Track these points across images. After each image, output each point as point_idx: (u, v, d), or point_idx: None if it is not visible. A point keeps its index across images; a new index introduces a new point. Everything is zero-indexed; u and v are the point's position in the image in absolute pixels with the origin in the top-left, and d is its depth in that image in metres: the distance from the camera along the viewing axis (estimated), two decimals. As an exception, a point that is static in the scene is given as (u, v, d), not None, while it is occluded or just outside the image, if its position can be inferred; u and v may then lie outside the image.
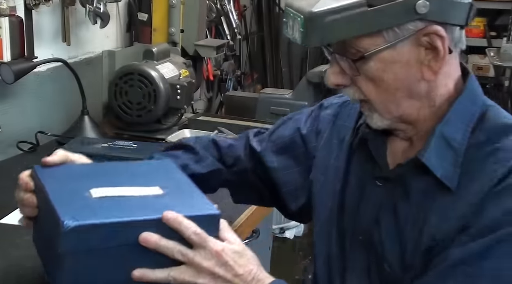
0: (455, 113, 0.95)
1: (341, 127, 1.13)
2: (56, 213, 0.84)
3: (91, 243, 0.85)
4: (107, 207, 0.88)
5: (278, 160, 1.18)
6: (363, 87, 0.94)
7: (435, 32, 0.90)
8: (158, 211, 0.88)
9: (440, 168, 0.93)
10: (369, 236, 1.00)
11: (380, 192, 1.00)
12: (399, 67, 0.92)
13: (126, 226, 0.87)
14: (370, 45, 0.90)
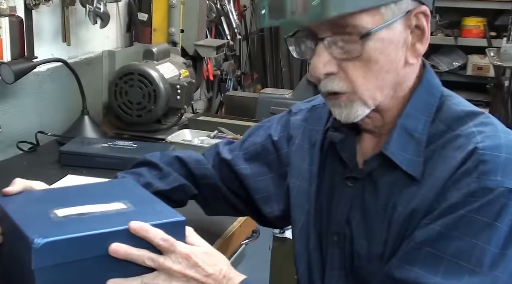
0: (414, 105, 0.97)
1: (312, 131, 1.13)
2: (24, 233, 0.86)
3: (62, 258, 0.87)
4: (74, 223, 0.91)
5: (250, 167, 1.18)
6: (352, 72, 0.92)
7: (424, 11, 0.93)
8: (126, 222, 0.91)
9: (404, 159, 0.95)
10: (343, 236, 1.01)
11: (351, 192, 1.01)
12: (391, 48, 0.93)
13: (95, 239, 0.89)
14: (368, 22, 0.90)
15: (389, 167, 0.96)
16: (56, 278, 0.88)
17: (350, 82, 0.93)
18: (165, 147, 1.72)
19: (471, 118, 0.95)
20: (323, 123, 1.11)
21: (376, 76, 0.93)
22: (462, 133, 0.93)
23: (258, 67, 4.06)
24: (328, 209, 1.05)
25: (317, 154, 1.10)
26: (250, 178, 1.18)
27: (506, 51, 3.35)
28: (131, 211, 0.96)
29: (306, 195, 1.09)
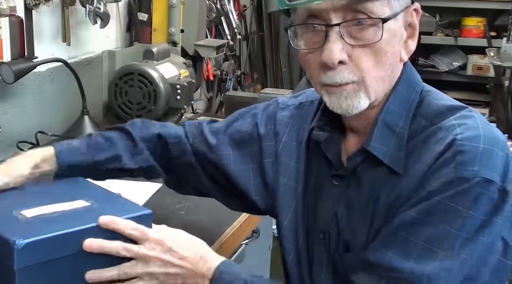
0: (394, 101, 0.98)
1: (299, 129, 1.14)
2: (2, 236, 0.88)
3: (42, 257, 0.89)
4: (47, 223, 0.93)
5: (234, 155, 1.18)
6: (363, 62, 0.92)
7: (417, 8, 0.96)
8: (98, 218, 0.95)
9: (386, 154, 0.96)
10: (328, 233, 1.02)
11: (336, 190, 1.02)
12: (396, 42, 0.95)
13: (73, 236, 0.92)
14: (378, 11, 0.90)
15: (373, 163, 0.97)
16: (37, 277, 0.90)
17: (360, 71, 0.93)
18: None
19: (452, 112, 0.96)
20: (309, 121, 1.11)
21: (382, 67, 0.93)
22: (443, 126, 0.94)
23: (258, 67, 4.06)
24: (315, 207, 1.06)
25: (304, 152, 1.10)
26: (232, 165, 1.17)
27: (506, 51, 3.35)
28: (98, 207, 1.00)
29: (293, 193, 1.10)
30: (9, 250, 0.87)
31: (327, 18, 0.91)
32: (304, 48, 0.96)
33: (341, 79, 0.93)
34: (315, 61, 0.95)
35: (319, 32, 0.93)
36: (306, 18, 0.94)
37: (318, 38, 0.93)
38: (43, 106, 1.87)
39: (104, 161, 1.15)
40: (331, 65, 0.92)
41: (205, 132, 1.21)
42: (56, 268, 0.91)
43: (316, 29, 0.94)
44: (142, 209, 1.02)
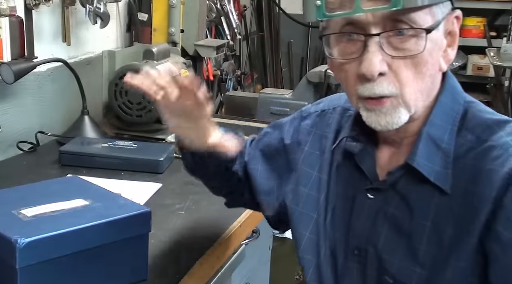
0: (438, 113, 0.94)
1: (321, 138, 1.11)
2: (4, 235, 0.89)
3: (44, 256, 0.90)
4: (48, 222, 0.94)
5: (262, 169, 1.16)
6: (403, 73, 0.87)
7: (458, 16, 0.91)
8: (98, 217, 0.97)
9: (432, 171, 0.91)
10: (365, 250, 0.97)
11: (373, 204, 0.97)
12: (436, 51, 0.90)
13: (74, 235, 0.93)
14: (422, 21, 0.86)
15: (416, 179, 0.93)
16: (38, 276, 0.90)
17: (400, 83, 0.88)
18: (165, 147, 1.72)
19: (500, 126, 0.92)
20: (333, 129, 1.09)
21: (423, 79, 0.89)
22: (496, 144, 0.89)
23: (258, 67, 4.06)
24: (346, 222, 1.01)
25: (327, 162, 1.07)
26: (258, 179, 1.16)
27: (506, 51, 3.35)
28: (97, 206, 1.01)
29: (315, 203, 1.07)
30: (11, 249, 0.87)
31: (366, 27, 0.86)
32: (339, 58, 0.91)
33: (379, 91, 0.88)
34: (352, 72, 0.90)
35: (355, 41, 0.88)
36: (342, 26, 0.89)
37: (355, 47, 0.89)
38: (43, 106, 1.87)
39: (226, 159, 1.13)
40: (371, 78, 0.87)
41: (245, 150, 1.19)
42: (57, 267, 0.92)
43: (352, 37, 0.89)
44: (140, 207, 1.03)
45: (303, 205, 1.09)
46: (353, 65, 0.89)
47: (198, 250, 1.21)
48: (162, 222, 1.20)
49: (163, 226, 1.22)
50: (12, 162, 1.69)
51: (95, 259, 0.96)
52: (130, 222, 1.00)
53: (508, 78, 3.69)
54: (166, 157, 1.66)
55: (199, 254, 1.20)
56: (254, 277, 1.63)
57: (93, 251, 0.96)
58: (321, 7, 0.88)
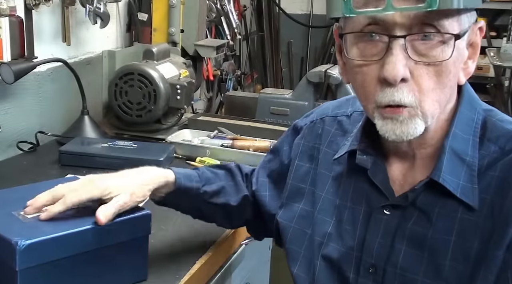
0: (459, 124, 0.90)
1: (312, 149, 1.09)
2: (4, 237, 0.89)
3: (44, 258, 0.90)
4: (48, 224, 0.94)
5: (270, 195, 1.15)
6: (425, 82, 0.83)
7: (482, 27, 0.87)
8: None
9: (458, 187, 0.88)
10: (382, 269, 0.93)
11: (390, 220, 0.93)
12: (459, 62, 0.86)
13: (74, 237, 0.93)
14: (450, 27, 0.82)
15: (435, 193, 0.89)
16: (38, 278, 0.90)
17: (420, 93, 0.84)
18: (165, 147, 1.72)
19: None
20: (325, 140, 1.06)
21: (443, 89, 0.85)
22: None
23: (258, 67, 4.06)
24: (360, 237, 0.96)
25: (324, 175, 1.05)
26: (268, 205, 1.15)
27: (506, 51, 3.35)
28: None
29: (310, 219, 1.05)
30: (11, 251, 0.87)
31: (391, 28, 0.82)
32: (358, 59, 0.86)
33: (399, 98, 0.83)
34: (372, 76, 0.85)
35: (377, 42, 0.84)
36: (364, 25, 0.84)
37: (376, 49, 0.84)
38: (43, 106, 1.87)
39: (211, 194, 1.14)
40: (393, 82, 0.82)
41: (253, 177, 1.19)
42: (57, 269, 0.92)
43: (374, 38, 0.84)
44: (141, 209, 1.03)
45: (297, 221, 1.07)
46: (373, 68, 0.85)
47: (198, 250, 1.21)
48: (162, 222, 1.20)
49: (163, 226, 1.22)
50: (12, 162, 1.69)
51: (95, 261, 0.96)
52: (130, 225, 1.00)
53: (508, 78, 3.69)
54: (166, 157, 1.66)
55: (199, 254, 1.20)
56: (254, 277, 1.63)
57: (93, 253, 0.96)
58: (348, 2, 0.83)
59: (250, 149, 1.76)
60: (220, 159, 1.72)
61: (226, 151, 1.77)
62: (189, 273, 1.12)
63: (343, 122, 1.08)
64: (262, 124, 2.04)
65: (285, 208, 1.10)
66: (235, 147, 1.79)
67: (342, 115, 1.09)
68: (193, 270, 1.14)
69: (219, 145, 1.79)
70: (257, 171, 1.20)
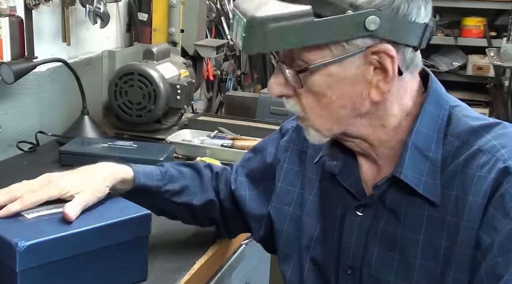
0: (424, 121, 0.91)
1: (300, 153, 1.09)
2: (4, 238, 0.89)
3: (44, 259, 0.90)
4: (49, 224, 0.94)
5: (250, 195, 1.15)
6: (303, 100, 0.90)
7: (385, 51, 0.85)
8: (99, 219, 0.97)
9: (420, 183, 0.89)
10: (359, 270, 0.96)
11: (363, 221, 0.96)
12: (345, 84, 0.87)
13: (74, 238, 0.93)
14: (316, 57, 0.86)
15: (402, 191, 0.91)
16: (38, 279, 0.90)
17: (302, 109, 0.92)
18: (165, 147, 1.72)
19: (486, 130, 0.90)
20: (311, 143, 1.06)
21: (326, 108, 0.90)
22: (483, 148, 0.87)
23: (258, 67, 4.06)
24: (337, 241, 0.99)
25: (310, 178, 1.06)
26: (248, 205, 1.15)
27: (506, 51, 3.35)
28: (97, 209, 1.01)
29: (299, 221, 1.05)
30: (11, 252, 0.87)
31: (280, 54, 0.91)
32: None
33: (289, 108, 0.93)
34: None
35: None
36: None
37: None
38: (43, 106, 1.87)
39: (173, 192, 1.14)
40: (273, 97, 0.92)
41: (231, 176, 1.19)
42: (57, 269, 0.92)
43: None
44: (141, 209, 1.03)
45: (288, 224, 1.08)
46: None
47: (198, 250, 1.21)
48: (162, 222, 1.20)
49: (163, 226, 1.22)
50: (12, 162, 1.69)
51: (95, 261, 0.96)
52: (130, 225, 1.00)
53: (508, 78, 3.69)
54: (166, 157, 1.66)
55: (199, 254, 1.20)
56: (254, 277, 1.63)
57: (93, 253, 0.96)
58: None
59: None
60: (220, 159, 1.72)
61: (226, 151, 1.77)
62: (189, 273, 1.12)
63: None
64: (262, 124, 2.04)
65: (276, 211, 1.10)
66: (235, 147, 1.79)
67: None
68: (193, 270, 1.14)
69: (219, 145, 1.79)
70: (236, 170, 1.19)
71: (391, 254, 0.92)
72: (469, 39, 4.19)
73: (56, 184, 1.00)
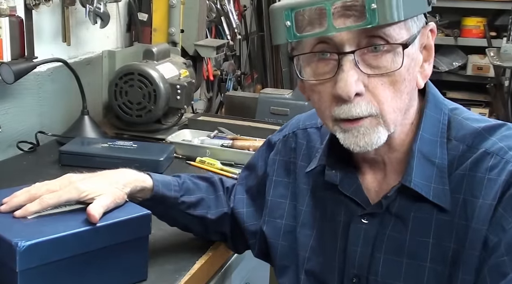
0: (426, 127, 0.90)
1: (288, 163, 1.08)
2: (4, 238, 0.88)
3: (44, 259, 0.90)
4: (49, 224, 0.94)
5: (247, 211, 1.15)
6: (380, 92, 0.83)
7: (433, 29, 0.87)
8: (101, 219, 0.96)
9: (430, 190, 0.88)
10: (366, 278, 0.94)
11: (369, 229, 0.94)
12: (413, 67, 0.86)
13: (75, 238, 0.93)
14: (398, 35, 0.82)
15: (409, 198, 0.90)
16: (38, 279, 0.90)
17: (378, 102, 0.84)
18: (165, 147, 1.72)
19: (490, 132, 0.89)
20: (300, 153, 1.06)
21: (400, 97, 0.85)
22: (490, 150, 0.87)
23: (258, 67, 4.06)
24: (340, 248, 0.97)
25: (302, 188, 1.05)
26: (246, 222, 1.14)
27: (506, 51, 3.35)
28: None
29: (292, 233, 1.05)
30: (11, 252, 0.87)
31: (339, 45, 0.82)
32: (311, 79, 0.87)
33: (358, 112, 0.84)
34: (326, 94, 0.86)
35: (329, 60, 0.84)
36: (313, 45, 0.85)
37: (328, 67, 0.85)
38: (43, 106, 1.87)
39: (189, 204, 1.13)
40: (347, 99, 0.82)
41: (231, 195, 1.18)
42: (57, 269, 0.92)
43: (324, 57, 0.85)
44: (141, 209, 1.03)
45: (283, 237, 1.07)
46: (327, 86, 0.85)
47: (198, 250, 1.21)
48: (162, 223, 1.20)
49: (163, 226, 1.22)
50: (12, 162, 1.69)
51: (95, 261, 0.96)
52: (130, 225, 1.00)
53: (508, 78, 3.69)
54: (166, 157, 1.66)
55: (199, 254, 1.20)
56: (254, 277, 1.63)
57: (93, 253, 0.95)
58: (291, 28, 0.83)
59: (250, 149, 1.76)
60: (220, 159, 1.72)
61: (226, 151, 1.77)
62: (189, 273, 1.12)
63: (314, 134, 1.08)
64: (262, 124, 2.04)
65: (268, 225, 1.09)
66: (235, 147, 1.79)
67: (312, 127, 1.09)
68: (193, 270, 1.14)
69: (219, 145, 1.79)
70: (235, 188, 1.19)
71: (399, 260, 0.91)
72: (469, 39, 4.19)
73: (76, 186, 0.99)
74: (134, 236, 1.02)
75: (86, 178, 1.03)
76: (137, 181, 1.07)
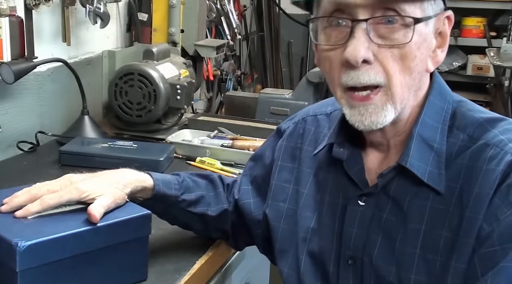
0: (428, 112, 0.92)
1: (294, 149, 1.09)
2: (4, 238, 0.88)
3: (44, 259, 0.90)
4: (49, 224, 0.94)
5: (254, 202, 1.15)
6: (389, 64, 0.85)
7: (449, 16, 0.90)
8: (101, 219, 0.96)
9: (425, 172, 0.89)
10: (360, 260, 0.95)
11: (365, 210, 0.95)
12: (425, 48, 0.88)
13: (75, 238, 0.93)
14: (412, 12, 0.84)
15: (406, 182, 0.91)
16: (38, 279, 0.90)
17: (387, 74, 0.85)
18: (165, 147, 1.72)
19: (492, 125, 0.90)
20: (308, 138, 1.07)
21: (410, 74, 0.86)
22: (490, 142, 0.88)
23: (258, 67, 4.06)
24: (337, 229, 0.98)
25: (306, 172, 1.06)
26: (253, 212, 1.15)
27: (506, 51, 3.35)
28: None
29: (294, 217, 1.05)
30: (11, 252, 0.87)
31: (354, 12, 0.84)
32: (325, 44, 0.89)
33: (365, 80, 0.85)
34: (337, 60, 0.87)
35: (343, 28, 0.86)
36: (331, 12, 0.87)
37: (342, 34, 0.86)
38: (43, 106, 1.87)
39: (190, 202, 1.14)
40: (355, 63, 0.84)
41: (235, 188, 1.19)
42: (57, 269, 0.92)
43: (340, 25, 0.86)
44: (141, 209, 1.03)
45: (284, 220, 1.07)
46: (338, 52, 0.87)
47: (198, 250, 1.21)
48: (162, 222, 1.20)
49: (163, 226, 1.22)
50: (12, 162, 1.69)
51: (95, 261, 0.96)
52: (130, 225, 1.00)
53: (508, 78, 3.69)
54: (166, 157, 1.66)
55: (199, 254, 1.20)
56: (254, 277, 1.63)
57: (93, 253, 0.95)
58: None
59: (250, 149, 1.76)
60: (220, 159, 1.72)
61: (226, 151, 1.77)
62: (189, 273, 1.12)
63: (323, 120, 1.10)
64: (262, 124, 2.04)
65: (271, 208, 1.10)
66: (235, 147, 1.79)
67: (322, 113, 1.11)
68: (193, 270, 1.14)
69: (219, 145, 1.79)
70: (240, 180, 1.19)
71: (392, 244, 0.92)
72: (469, 39, 4.19)
73: (77, 186, 0.99)
74: (134, 236, 1.02)
75: (87, 178, 1.03)
76: (138, 181, 1.07)
